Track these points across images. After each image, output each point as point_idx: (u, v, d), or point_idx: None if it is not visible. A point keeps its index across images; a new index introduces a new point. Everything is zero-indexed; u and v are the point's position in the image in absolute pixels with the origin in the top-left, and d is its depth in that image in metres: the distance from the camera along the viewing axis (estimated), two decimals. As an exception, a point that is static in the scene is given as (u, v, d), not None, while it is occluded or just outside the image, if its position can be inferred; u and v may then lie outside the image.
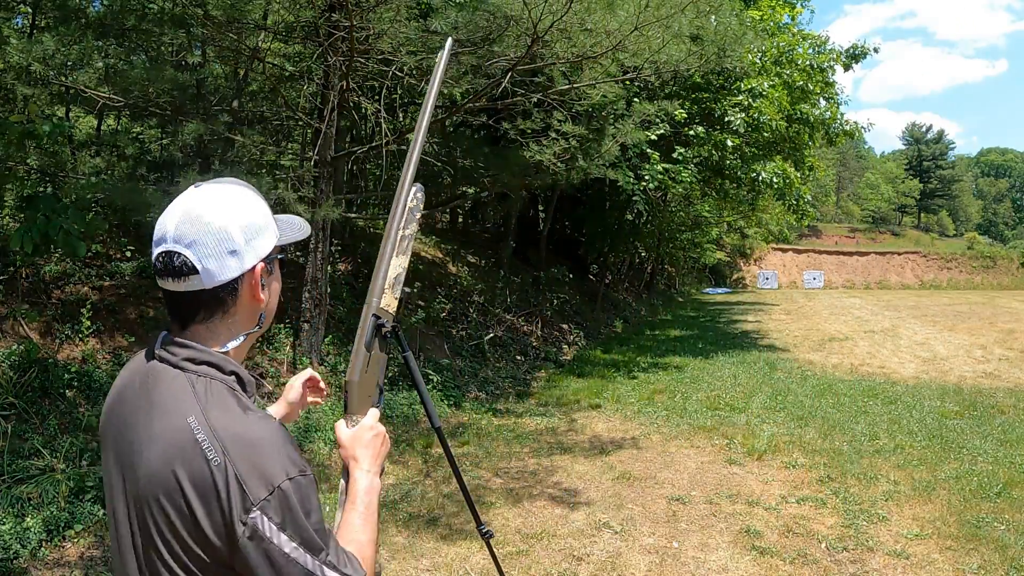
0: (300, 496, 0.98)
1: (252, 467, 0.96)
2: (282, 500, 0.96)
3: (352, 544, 1.07)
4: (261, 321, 1.12)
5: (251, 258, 1.06)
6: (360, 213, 9.87)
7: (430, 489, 4.89)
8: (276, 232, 1.12)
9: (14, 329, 5.00)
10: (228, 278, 1.04)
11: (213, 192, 1.06)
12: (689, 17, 5.73)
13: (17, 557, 3.43)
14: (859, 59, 13.57)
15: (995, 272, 45.43)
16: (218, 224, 1.02)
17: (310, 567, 0.97)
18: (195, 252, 1.01)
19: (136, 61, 6.36)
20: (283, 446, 0.99)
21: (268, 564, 0.96)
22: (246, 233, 1.05)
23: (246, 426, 0.99)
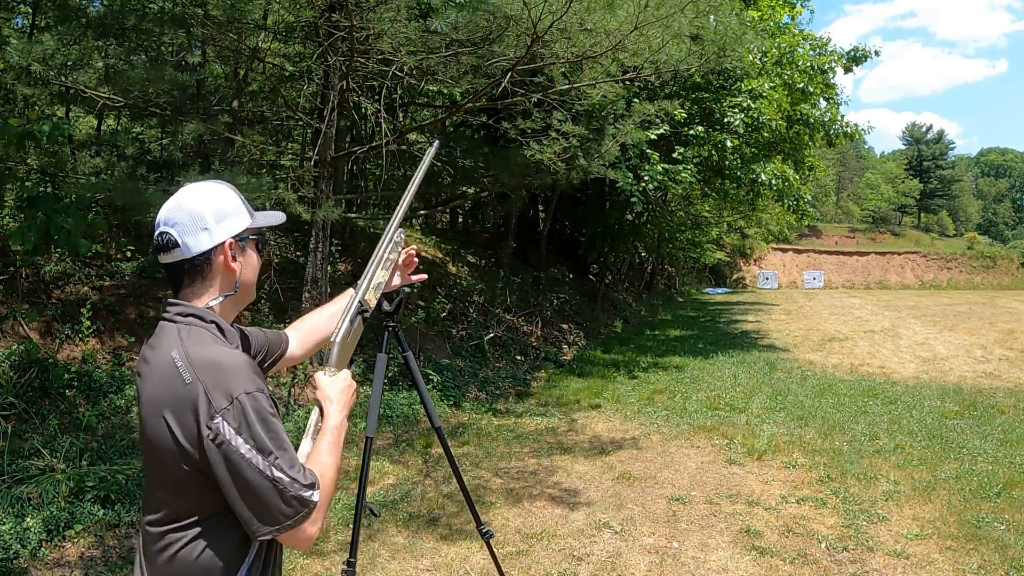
0: (256, 407, 1.22)
1: (216, 383, 1.22)
2: (240, 409, 1.21)
3: (317, 465, 1.32)
4: (237, 287, 1.40)
5: (221, 234, 1.36)
6: (360, 213, 9.86)
7: (430, 489, 4.89)
8: (249, 218, 1.41)
9: (14, 329, 5.00)
10: (202, 249, 1.34)
11: (194, 186, 1.39)
12: (689, 17, 5.72)
13: (17, 557, 3.43)
14: (860, 62, 13.56)
15: (995, 272, 45.42)
16: (193, 208, 1.34)
17: (261, 467, 1.20)
18: (177, 230, 1.33)
19: (136, 61, 6.36)
20: (245, 369, 1.25)
21: (226, 462, 1.20)
22: (216, 215, 1.36)
23: (215, 353, 1.27)
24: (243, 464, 1.20)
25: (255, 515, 1.22)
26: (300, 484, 1.23)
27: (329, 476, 1.32)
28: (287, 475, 1.22)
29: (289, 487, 1.22)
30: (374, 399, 2.05)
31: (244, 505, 1.22)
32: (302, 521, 1.24)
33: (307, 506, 1.24)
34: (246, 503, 1.22)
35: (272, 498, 1.21)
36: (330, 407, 1.43)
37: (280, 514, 1.22)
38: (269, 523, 1.23)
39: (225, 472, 1.21)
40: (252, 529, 1.24)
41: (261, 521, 1.22)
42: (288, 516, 1.22)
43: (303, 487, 1.24)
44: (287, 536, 1.25)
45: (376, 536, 4.08)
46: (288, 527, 1.23)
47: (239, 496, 1.22)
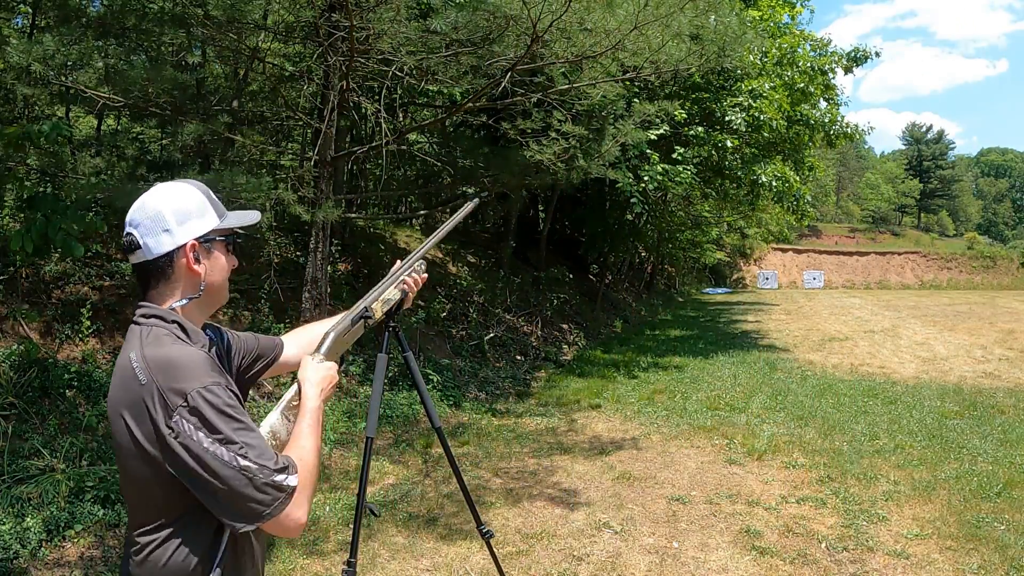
0: (212, 400, 1.20)
1: (171, 382, 1.21)
2: (197, 405, 1.19)
3: (296, 449, 1.32)
4: (202, 289, 1.38)
5: (183, 236, 1.34)
6: (360, 213, 9.86)
7: (430, 489, 4.89)
8: (216, 219, 1.39)
9: (14, 329, 5.00)
10: (163, 251, 1.33)
11: (160, 186, 1.37)
12: (688, 16, 5.72)
13: (17, 557, 3.43)
14: (860, 62, 13.55)
15: (995, 272, 45.40)
16: (155, 208, 1.33)
17: (227, 458, 1.18)
18: (139, 232, 1.33)
19: (136, 61, 6.35)
20: (200, 365, 1.24)
21: (192, 459, 1.18)
22: (178, 216, 1.34)
23: (169, 352, 1.25)
24: (208, 458, 1.18)
25: (231, 509, 1.20)
26: (271, 469, 1.21)
27: (309, 459, 1.30)
28: (255, 463, 1.20)
29: (259, 474, 1.19)
30: (374, 399, 2.05)
31: (217, 501, 1.20)
32: (283, 507, 1.22)
33: (284, 491, 1.22)
34: (219, 498, 1.19)
35: (245, 488, 1.19)
36: (309, 388, 1.44)
37: (257, 503, 1.20)
38: (247, 515, 1.20)
39: (193, 469, 1.18)
40: (232, 524, 1.22)
41: (239, 515, 1.20)
42: (266, 504, 1.20)
43: (274, 472, 1.21)
44: (271, 525, 1.22)
45: (376, 536, 4.08)
46: (268, 515, 1.21)
47: (211, 492, 1.19)
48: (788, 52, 12.31)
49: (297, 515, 1.24)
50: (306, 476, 1.27)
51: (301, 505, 1.24)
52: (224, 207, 1.45)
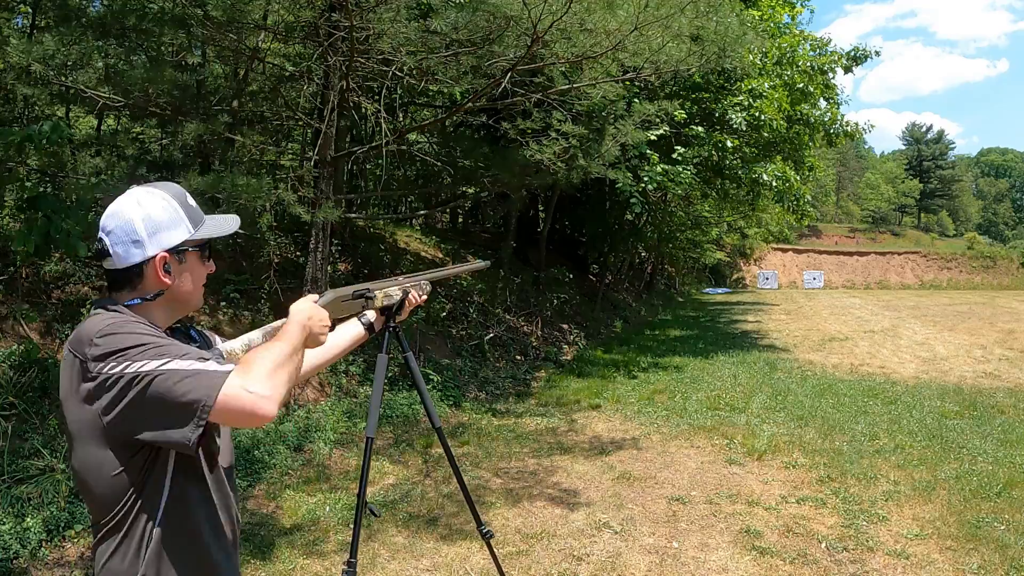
0: (119, 331, 1.20)
1: (81, 338, 1.21)
2: (106, 340, 1.18)
3: (254, 350, 1.30)
4: (157, 295, 1.36)
5: (153, 248, 1.33)
6: (360, 213, 9.86)
7: (430, 489, 4.89)
8: (188, 229, 1.37)
9: (14, 329, 5.00)
10: (133, 262, 1.32)
11: (134, 193, 1.35)
12: (689, 17, 5.72)
13: (17, 557, 3.44)
14: (860, 62, 13.55)
15: (995, 272, 45.41)
16: (127, 218, 1.32)
17: (149, 369, 1.15)
18: (110, 240, 1.32)
19: (136, 61, 6.35)
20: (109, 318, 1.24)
21: (118, 389, 1.16)
22: (148, 228, 1.32)
23: (86, 322, 1.26)
24: (132, 379, 1.15)
25: (170, 418, 1.15)
26: (193, 359, 1.17)
27: (271, 353, 1.26)
28: (180, 363, 1.16)
29: (184, 367, 1.16)
30: (375, 399, 2.06)
31: (157, 417, 1.15)
32: (220, 381, 1.15)
33: (216, 373, 1.16)
34: (156, 412, 1.15)
35: (176, 386, 1.14)
36: (295, 315, 1.44)
37: (194, 392, 1.14)
38: (187, 414, 1.14)
39: (120, 399, 1.15)
40: (178, 439, 1.15)
41: (180, 420, 1.15)
42: (204, 389, 1.14)
43: (197, 360, 1.18)
44: (229, 411, 1.15)
45: (376, 536, 4.08)
46: (211, 398, 1.14)
47: (147, 411, 1.15)
48: (788, 52, 12.31)
49: (256, 389, 1.17)
50: (264, 358, 1.23)
51: (258, 381, 1.18)
52: (201, 213, 1.43)
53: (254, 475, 4.87)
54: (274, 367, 1.23)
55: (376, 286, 1.84)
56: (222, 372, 1.17)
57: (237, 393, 1.16)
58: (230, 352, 1.38)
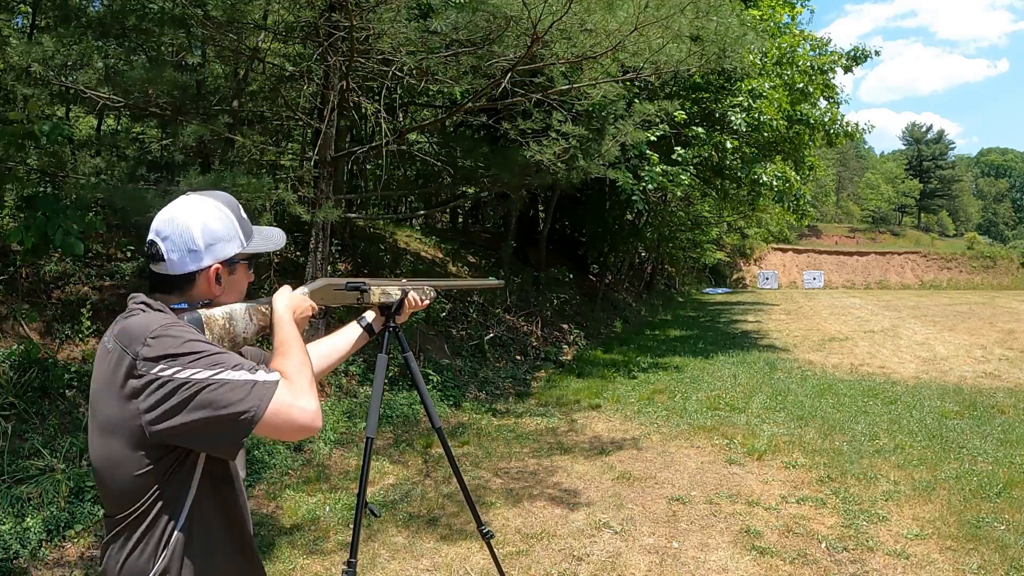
0: (174, 336, 1.19)
1: (131, 337, 1.21)
2: (156, 346, 1.18)
3: (279, 357, 1.32)
4: (206, 305, 1.37)
5: (208, 259, 1.34)
6: (360, 213, 9.86)
7: (430, 489, 4.89)
8: (241, 242, 1.40)
9: (14, 329, 5.00)
10: (186, 271, 1.33)
11: (192, 201, 1.36)
12: (689, 17, 5.71)
13: (17, 557, 3.44)
14: (860, 61, 13.56)
15: (995, 272, 45.41)
16: (185, 225, 1.32)
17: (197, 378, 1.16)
18: (166, 245, 1.32)
19: (136, 61, 6.35)
20: (159, 319, 1.23)
21: (164, 392, 1.15)
22: (205, 238, 1.33)
23: (133, 319, 1.25)
24: (182, 384, 1.15)
25: (217, 428, 1.16)
26: (246, 370, 1.18)
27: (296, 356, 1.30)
28: (232, 373, 1.17)
29: (236, 378, 1.17)
30: (374, 399, 2.05)
31: (203, 427, 1.16)
32: (270, 393, 1.17)
33: (263, 383, 1.18)
34: (203, 421, 1.15)
35: (228, 394, 1.15)
36: (280, 304, 1.44)
37: (243, 403, 1.15)
38: (236, 424, 1.15)
39: (167, 403, 1.15)
40: (224, 447, 1.19)
41: (228, 430, 1.16)
42: (252, 400, 1.16)
43: (249, 371, 1.18)
44: (277, 423, 1.17)
45: (376, 536, 4.08)
46: (259, 410, 1.16)
47: (195, 418, 1.15)
48: (788, 52, 12.32)
49: (302, 402, 1.20)
50: (297, 368, 1.26)
51: (302, 393, 1.22)
52: (251, 225, 1.45)
53: (254, 475, 4.87)
54: (311, 378, 1.28)
55: (374, 282, 1.81)
56: (271, 382, 1.19)
57: (287, 408, 1.19)
58: (209, 316, 1.36)
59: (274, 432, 1.20)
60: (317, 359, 1.72)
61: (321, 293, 1.62)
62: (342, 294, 1.70)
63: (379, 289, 1.82)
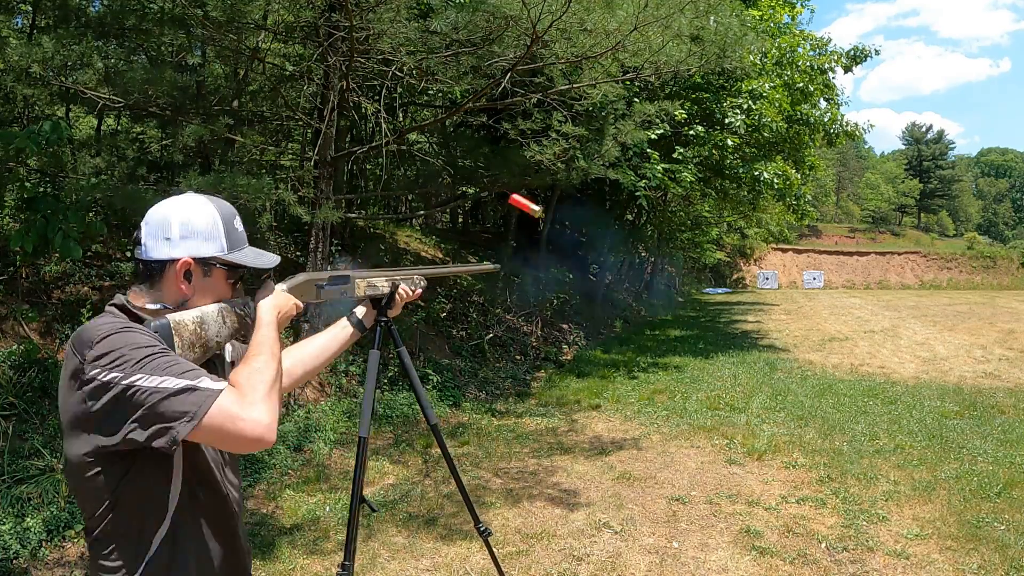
0: (118, 341, 1.17)
1: (83, 340, 1.19)
2: (104, 348, 1.16)
3: (245, 363, 1.27)
4: (180, 307, 1.33)
5: (180, 251, 1.32)
6: (360, 213, 9.86)
7: (430, 489, 4.89)
8: (222, 247, 1.36)
9: (14, 329, 5.00)
10: (157, 257, 1.32)
11: (186, 197, 1.37)
12: (688, 17, 5.71)
13: (17, 557, 3.44)
14: (860, 61, 13.56)
15: (995, 272, 45.41)
16: (166, 214, 1.33)
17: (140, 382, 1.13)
18: (145, 231, 1.33)
19: (136, 62, 6.35)
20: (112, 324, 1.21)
21: (106, 393, 1.14)
22: (182, 230, 1.32)
23: (89, 323, 1.24)
24: (125, 389, 1.13)
25: (157, 425, 1.14)
26: (189, 378, 1.14)
27: (264, 366, 1.25)
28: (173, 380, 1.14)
29: (177, 385, 1.13)
30: (367, 397, 2.02)
31: (143, 426, 1.14)
32: (210, 401, 1.13)
33: (204, 391, 1.14)
34: (143, 421, 1.13)
35: (166, 400, 1.12)
36: (263, 305, 1.41)
37: (182, 407, 1.12)
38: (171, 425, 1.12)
39: (111, 409, 1.14)
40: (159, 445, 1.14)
41: (162, 430, 1.13)
42: (190, 405, 1.12)
43: (192, 378, 1.15)
44: (213, 434, 1.14)
45: (376, 536, 4.08)
46: (196, 415, 1.12)
47: (135, 420, 1.13)
48: (788, 52, 12.32)
49: (251, 413, 1.15)
50: (256, 376, 1.22)
51: (253, 404, 1.17)
52: (245, 240, 1.42)
53: (254, 475, 4.87)
54: (269, 388, 1.22)
55: (359, 274, 1.72)
56: (214, 391, 1.15)
57: (231, 418, 1.14)
58: (178, 322, 1.30)
59: (217, 442, 1.17)
60: (306, 360, 1.69)
61: (301, 289, 1.55)
62: (326, 291, 1.60)
63: (364, 282, 1.71)
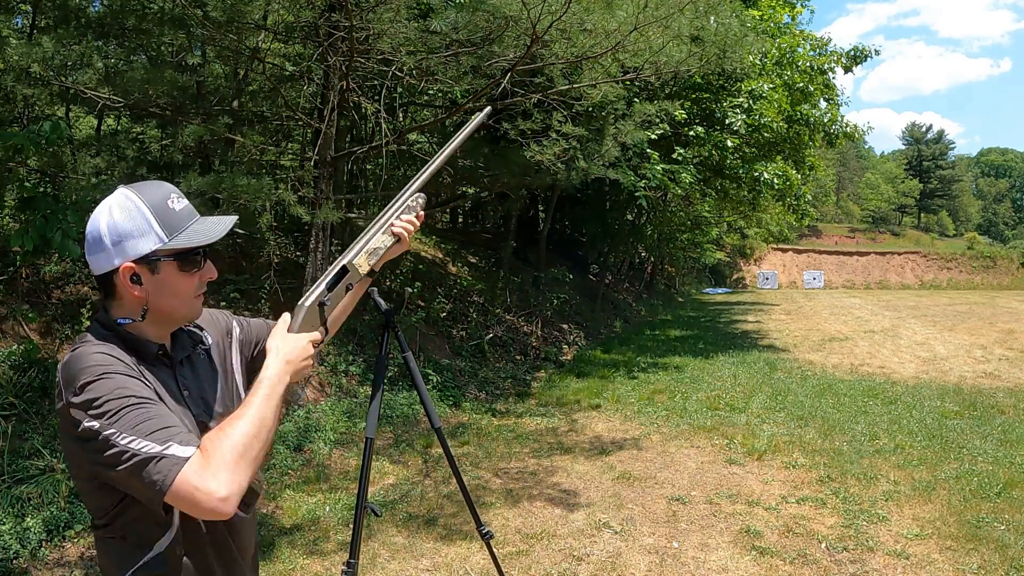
0: (97, 388, 1.13)
1: (69, 380, 1.16)
2: (86, 395, 1.13)
3: (228, 422, 1.18)
4: (144, 312, 1.27)
5: (117, 258, 1.24)
6: (360, 213, 9.85)
7: (430, 489, 4.89)
8: (159, 237, 1.25)
9: (14, 329, 5.00)
10: (100, 271, 1.25)
11: (110, 197, 1.27)
12: (688, 17, 5.72)
13: (17, 557, 3.44)
14: (860, 61, 13.57)
15: (995, 272, 45.41)
16: (95, 225, 1.25)
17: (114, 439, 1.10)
18: (86, 248, 1.26)
19: (136, 62, 6.35)
20: (96, 359, 1.17)
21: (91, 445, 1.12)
22: (112, 236, 1.23)
23: (72, 355, 1.20)
24: (100, 442, 1.11)
25: (133, 490, 1.14)
26: (158, 442, 1.10)
27: (241, 431, 1.15)
28: (144, 444, 1.10)
29: (146, 452, 1.09)
30: (374, 400, 2.04)
31: (126, 486, 1.14)
32: (173, 473, 1.08)
33: (170, 460, 1.09)
34: (126, 485, 1.13)
35: (137, 465, 1.09)
36: (274, 359, 1.30)
37: (151, 476, 1.09)
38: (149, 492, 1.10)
39: (95, 459, 1.13)
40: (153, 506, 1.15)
41: (142, 494, 1.13)
42: (159, 476, 1.09)
43: (161, 441, 1.10)
44: (178, 503, 1.11)
45: (376, 536, 4.08)
46: (161, 488, 1.08)
47: (116, 482, 1.14)
48: (788, 52, 12.32)
49: (209, 484, 1.09)
50: (228, 447, 1.13)
51: (216, 474, 1.10)
52: (185, 219, 1.29)
53: (254, 475, 4.87)
54: (239, 455, 1.13)
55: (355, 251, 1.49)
56: (180, 459, 1.10)
57: (191, 490, 1.09)
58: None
59: (181, 508, 1.14)
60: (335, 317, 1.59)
61: (310, 320, 1.40)
62: (335, 297, 1.44)
63: (363, 257, 1.49)
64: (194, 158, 7.85)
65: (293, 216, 6.11)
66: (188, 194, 3.44)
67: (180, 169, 7.49)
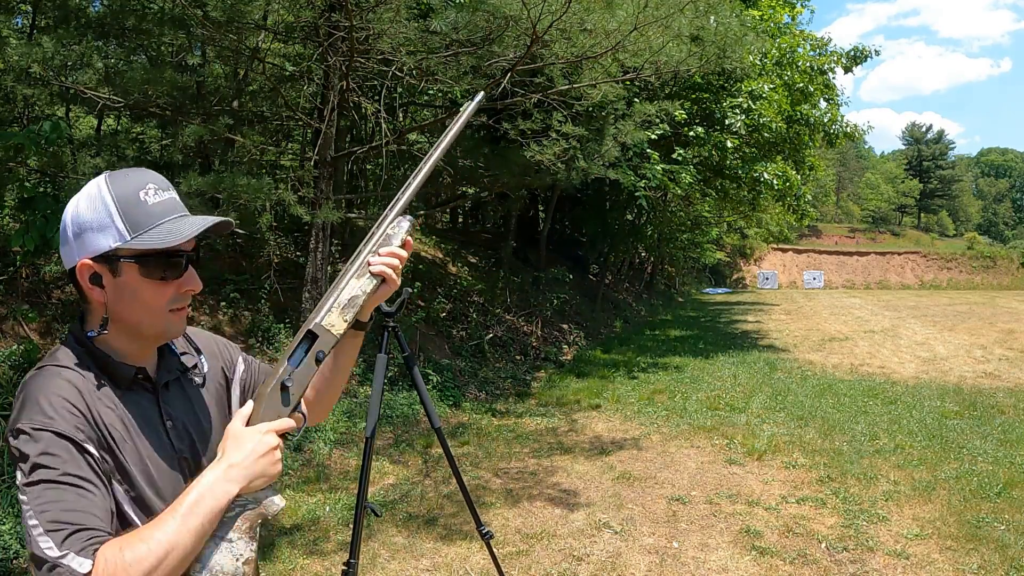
0: (26, 447, 0.96)
1: (17, 414, 0.99)
2: (16, 445, 0.97)
3: (142, 534, 0.95)
4: (104, 321, 1.07)
5: (78, 252, 1.06)
6: (360, 213, 9.85)
7: (430, 489, 4.89)
8: (120, 234, 1.04)
9: (14, 329, 5.00)
10: (68, 267, 1.09)
11: (86, 186, 1.09)
12: (688, 17, 5.72)
13: (17, 557, 3.44)
14: (860, 61, 13.57)
15: (995, 272, 45.42)
16: (64, 215, 1.08)
17: (25, 509, 0.94)
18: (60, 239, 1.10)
19: (136, 62, 6.35)
20: (43, 403, 0.99)
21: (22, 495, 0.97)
22: (73, 228, 1.07)
23: (30, 384, 1.03)
24: (23, 502, 0.96)
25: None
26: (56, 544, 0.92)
27: (145, 556, 0.93)
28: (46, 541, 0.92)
29: (40, 541, 0.92)
30: (374, 400, 2.05)
31: None
32: None
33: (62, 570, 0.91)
34: None
35: (35, 549, 0.93)
36: (214, 462, 1.04)
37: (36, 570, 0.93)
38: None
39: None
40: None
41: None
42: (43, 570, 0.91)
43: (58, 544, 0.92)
44: None
45: (376, 536, 4.08)
46: None
47: None
48: (788, 52, 12.33)
49: None
50: (134, 566, 0.92)
51: None
52: (159, 216, 1.07)
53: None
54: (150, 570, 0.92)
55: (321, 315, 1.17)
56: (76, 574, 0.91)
57: None
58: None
59: None
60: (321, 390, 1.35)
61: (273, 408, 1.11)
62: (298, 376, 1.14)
63: (335, 313, 1.18)
64: (194, 158, 7.85)
65: (293, 216, 6.11)
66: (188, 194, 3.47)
67: (180, 169, 7.49)
